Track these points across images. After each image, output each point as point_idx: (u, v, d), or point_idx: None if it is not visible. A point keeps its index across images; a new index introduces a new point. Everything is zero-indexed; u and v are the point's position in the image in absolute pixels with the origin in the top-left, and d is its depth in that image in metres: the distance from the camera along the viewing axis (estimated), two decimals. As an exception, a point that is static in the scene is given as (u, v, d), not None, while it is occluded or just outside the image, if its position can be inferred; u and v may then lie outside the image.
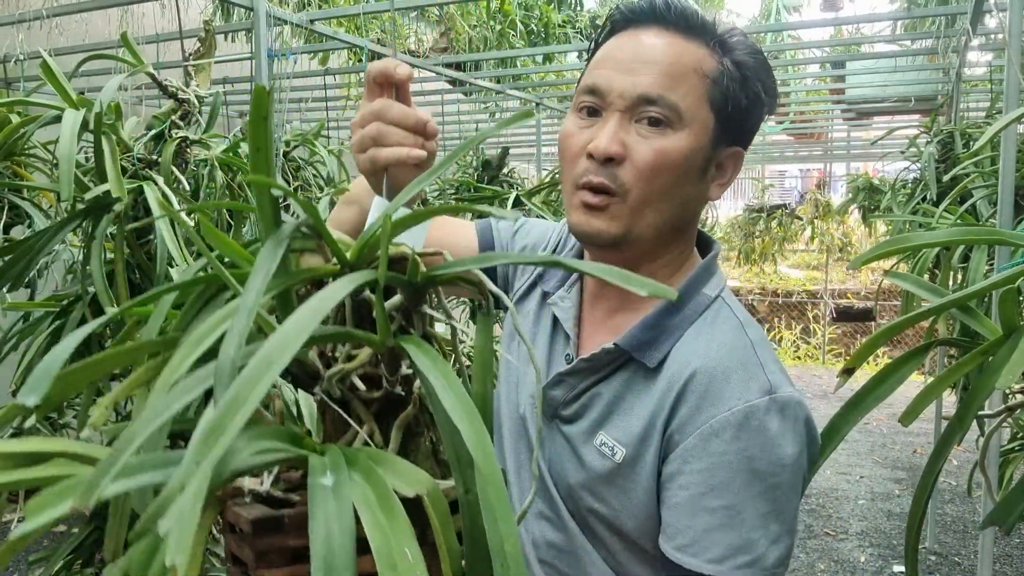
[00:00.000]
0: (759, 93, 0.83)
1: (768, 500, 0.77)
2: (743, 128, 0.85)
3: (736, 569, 0.76)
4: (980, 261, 2.11)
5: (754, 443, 0.77)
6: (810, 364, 9.52)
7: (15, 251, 1.55)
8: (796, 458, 0.79)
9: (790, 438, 0.79)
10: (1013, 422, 2.43)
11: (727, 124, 0.83)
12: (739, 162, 0.87)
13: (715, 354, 0.81)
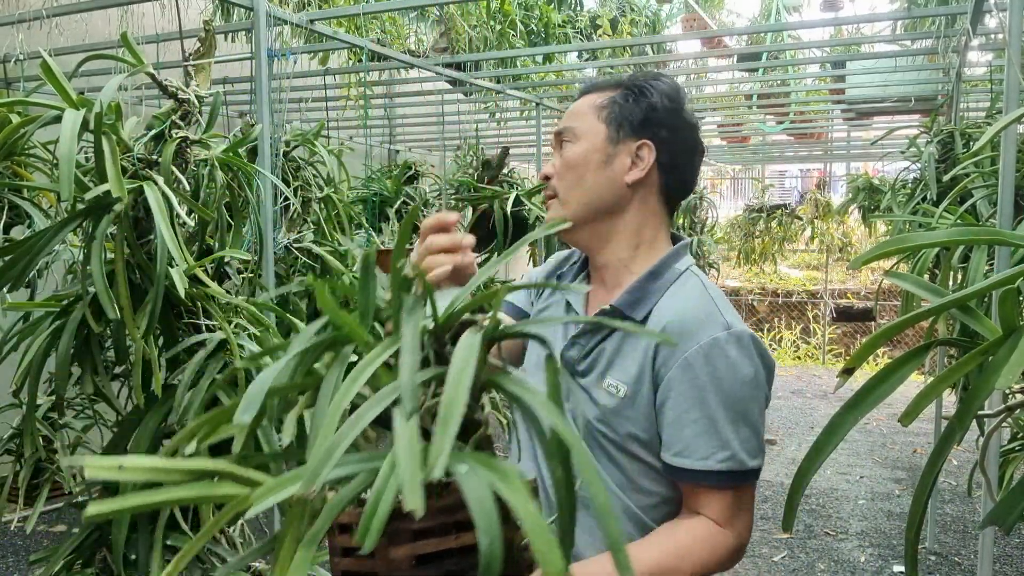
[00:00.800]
0: (653, 104, 1.15)
1: (736, 410, 1.05)
2: (643, 127, 1.15)
3: (718, 463, 1.04)
4: (980, 261, 2.11)
5: (720, 367, 1.05)
6: (810, 364, 9.52)
7: (15, 251, 1.55)
8: (753, 376, 1.06)
9: (747, 361, 1.06)
10: (1013, 422, 2.43)
11: (620, 127, 1.16)
12: (651, 151, 1.15)
13: (683, 306, 1.10)
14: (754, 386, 1.07)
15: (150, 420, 1.70)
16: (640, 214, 1.18)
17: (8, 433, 2.37)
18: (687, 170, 1.20)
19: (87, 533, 1.78)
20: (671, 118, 1.16)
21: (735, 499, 1.09)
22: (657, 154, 1.16)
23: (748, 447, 1.06)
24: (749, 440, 1.06)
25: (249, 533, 2.01)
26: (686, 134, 1.18)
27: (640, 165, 1.16)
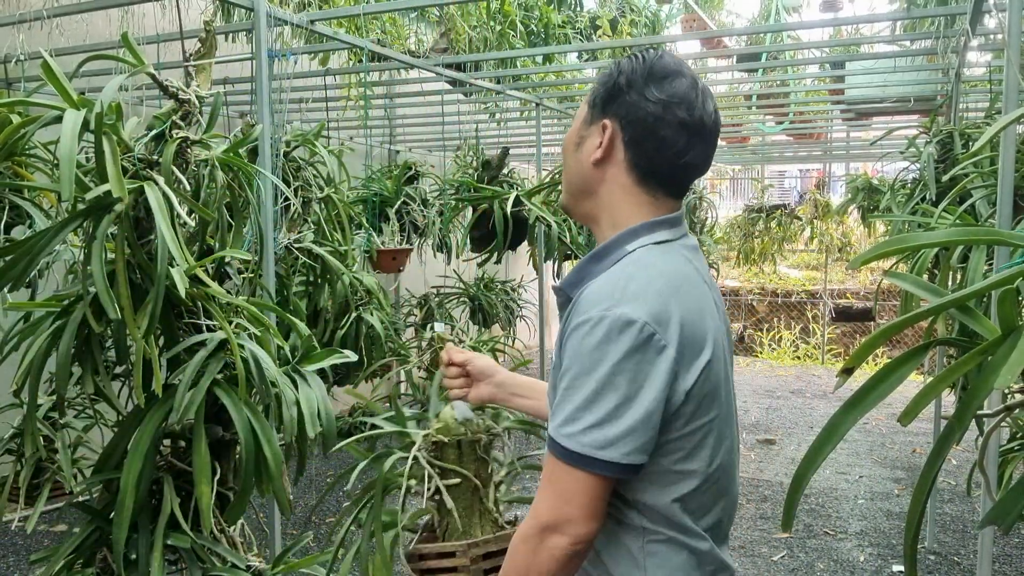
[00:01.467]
0: (618, 82, 1.15)
1: (592, 389, 1.02)
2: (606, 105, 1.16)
3: (562, 436, 1.03)
4: (979, 261, 2.11)
5: (589, 343, 1.03)
6: (809, 364, 9.53)
7: (16, 251, 1.55)
8: (619, 360, 1.01)
9: (614, 343, 1.02)
10: (1012, 421, 2.44)
11: (595, 109, 1.18)
12: (606, 130, 1.15)
13: (595, 287, 1.08)
14: (616, 369, 1.01)
15: (150, 420, 1.70)
16: (612, 193, 1.16)
17: (9, 433, 2.37)
18: (654, 144, 1.12)
19: (88, 533, 1.78)
20: (633, 93, 1.13)
21: (555, 474, 1.04)
22: (621, 132, 1.14)
23: (601, 432, 1.00)
24: (603, 424, 1.01)
25: (249, 532, 2.02)
26: (650, 107, 1.12)
27: (596, 144, 1.16)
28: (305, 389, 1.90)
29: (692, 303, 1.08)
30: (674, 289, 1.07)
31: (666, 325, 1.03)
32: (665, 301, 1.04)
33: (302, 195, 3.02)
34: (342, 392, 4.54)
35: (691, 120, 1.12)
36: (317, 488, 4.79)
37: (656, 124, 1.12)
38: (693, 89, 1.14)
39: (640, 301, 1.03)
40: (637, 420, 1.01)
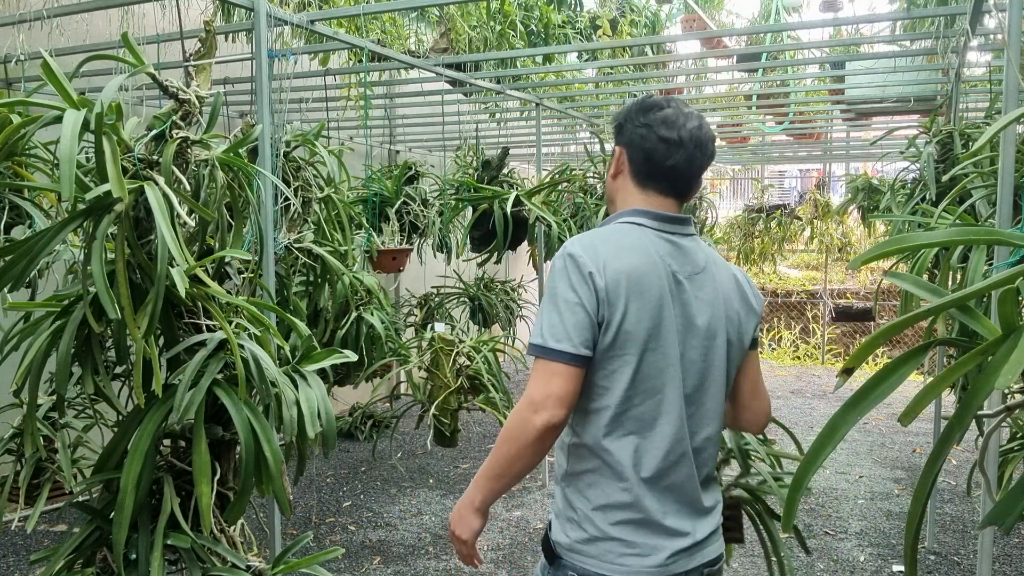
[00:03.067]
0: (622, 121, 1.60)
1: (550, 302, 1.44)
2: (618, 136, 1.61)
3: (535, 338, 1.44)
4: (979, 261, 2.11)
5: (552, 272, 1.48)
6: (809, 364, 9.53)
7: (16, 251, 1.55)
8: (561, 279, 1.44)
9: (560, 269, 1.45)
10: (1012, 422, 2.44)
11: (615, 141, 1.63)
12: (615, 153, 1.61)
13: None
14: (563, 286, 1.44)
15: (150, 420, 1.70)
16: (623, 196, 1.61)
17: (9, 433, 2.37)
18: (644, 155, 1.55)
19: (88, 533, 1.78)
20: (629, 124, 1.59)
21: (536, 367, 1.44)
22: (626, 152, 1.59)
23: (550, 329, 1.42)
24: (553, 324, 1.42)
25: (249, 532, 2.02)
26: (640, 131, 1.55)
27: (613, 164, 1.62)
28: (305, 389, 1.90)
29: (630, 265, 1.44)
30: (618, 248, 1.47)
31: (597, 263, 1.43)
32: (605, 251, 1.46)
33: (302, 195, 3.02)
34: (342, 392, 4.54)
35: (671, 136, 1.53)
36: (317, 488, 4.79)
37: (644, 141, 1.54)
38: (676, 113, 1.56)
39: (586, 246, 1.47)
40: (578, 320, 1.41)
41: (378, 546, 3.94)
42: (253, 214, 2.31)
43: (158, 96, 2.29)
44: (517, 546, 3.91)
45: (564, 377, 1.40)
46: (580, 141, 7.33)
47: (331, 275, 3.18)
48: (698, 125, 1.57)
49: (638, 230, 1.51)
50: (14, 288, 1.58)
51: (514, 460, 1.45)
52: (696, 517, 1.51)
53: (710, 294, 1.52)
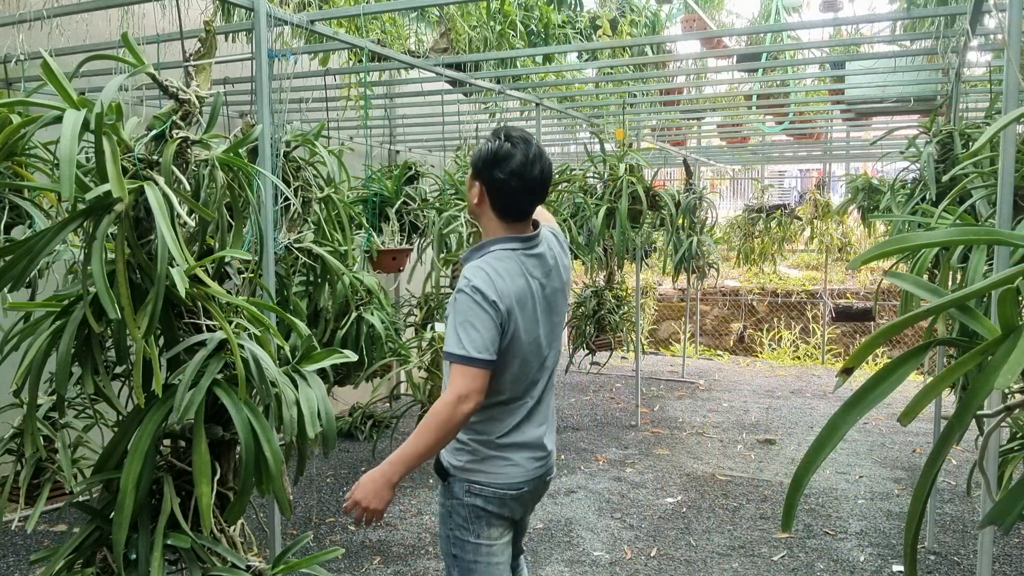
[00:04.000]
0: (479, 166, 2.06)
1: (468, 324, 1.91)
2: (478, 176, 2.07)
3: (460, 349, 1.89)
4: (979, 261, 2.11)
5: (462, 300, 1.94)
6: (809, 364, 9.53)
7: (16, 251, 1.55)
8: (474, 308, 1.92)
9: (472, 301, 1.93)
10: (1012, 421, 2.44)
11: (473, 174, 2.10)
12: (474, 188, 2.08)
13: (472, 265, 2.00)
14: (477, 311, 1.92)
15: (150, 420, 1.70)
16: (487, 220, 2.10)
17: (9, 433, 2.37)
18: (501, 198, 2.04)
19: (88, 533, 1.78)
20: (485, 171, 2.04)
21: (456, 370, 1.91)
22: (485, 189, 2.06)
23: (471, 343, 1.90)
24: (474, 339, 1.90)
25: (249, 532, 2.02)
26: (498, 183, 2.02)
27: (476, 195, 2.08)
28: (305, 389, 1.90)
29: (512, 288, 1.98)
30: (507, 277, 1.98)
31: (498, 293, 1.95)
32: (500, 283, 1.96)
33: (302, 195, 3.02)
34: (342, 392, 4.54)
35: (524, 184, 2.02)
36: (317, 488, 4.79)
37: (502, 187, 2.03)
38: (524, 161, 2.01)
39: (486, 280, 1.95)
40: (492, 335, 1.93)
41: (378, 546, 3.94)
42: (253, 214, 2.31)
43: (158, 96, 2.29)
44: (517, 546, 3.91)
45: (484, 377, 1.91)
46: (580, 141, 7.33)
47: (331, 275, 3.18)
48: (541, 168, 2.04)
49: (512, 255, 2.03)
50: (14, 288, 1.58)
51: (441, 442, 1.92)
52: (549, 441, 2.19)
53: (556, 279, 2.12)
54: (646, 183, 5.10)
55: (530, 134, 2.10)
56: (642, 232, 5.74)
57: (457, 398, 1.87)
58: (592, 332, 6.41)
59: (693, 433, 6.07)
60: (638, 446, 5.71)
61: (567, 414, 6.69)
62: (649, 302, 10.37)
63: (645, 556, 3.81)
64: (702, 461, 5.35)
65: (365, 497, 1.88)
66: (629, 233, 4.97)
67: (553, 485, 4.83)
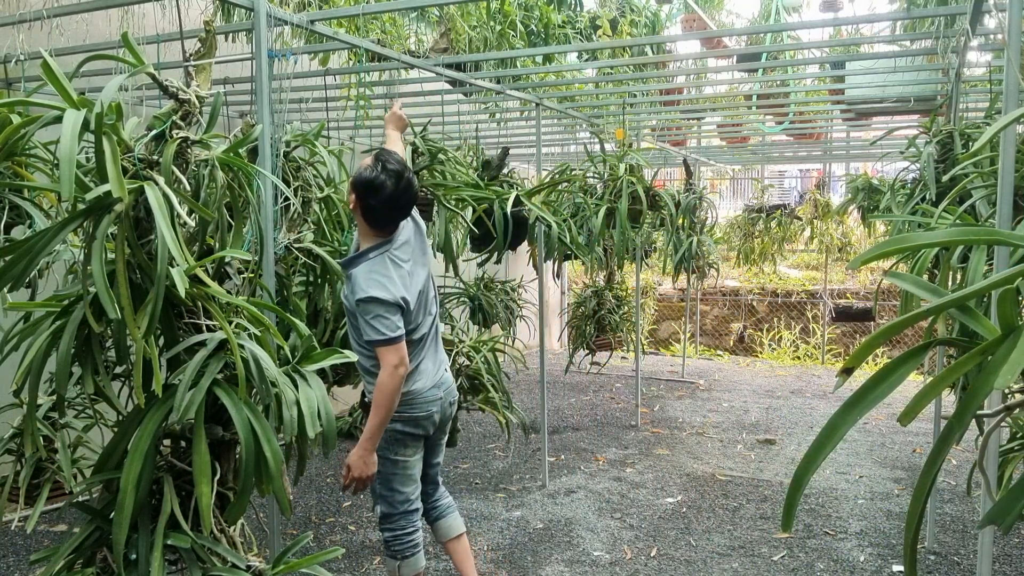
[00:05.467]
0: (360, 190, 2.65)
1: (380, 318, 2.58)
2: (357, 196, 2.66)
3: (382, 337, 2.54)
4: (979, 261, 2.11)
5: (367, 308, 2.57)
6: (809, 364, 9.53)
7: (16, 251, 1.55)
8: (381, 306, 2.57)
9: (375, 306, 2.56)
10: (1012, 421, 2.44)
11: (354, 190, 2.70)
12: (355, 203, 2.67)
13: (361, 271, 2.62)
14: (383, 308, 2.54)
15: (150, 420, 1.70)
16: (366, 231, 2.70)
17: (9, 433, 2.37)
18: (377, 219, 2.65)
19: (88, 533, 1.78)
20: (362, 196, 2.62)
21: (386, 349, 2.54)
22: (361, 210, 2.65)
23: (387, 328, 2.53)
24: (388, 326, 2.53)
25: (249, 532, 2.02)
26: (373, 206, 2.61)
27: (352, 203, 2.67)
28: (305, 389, 1.90)
29: (401, 282, 2.61)
30: (396, 278, 2.60)
31: (395, 294, 2.57)
32: (391, 285, 2.58)
33: (302, 195, 3.02)
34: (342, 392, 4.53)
35: (395, 210, 2.64)
36: (317, 488, 4.79)
37: (377, 209, 2.62)
38: (395, 191, 2.60)
39: (382, 288, 2.56)
40: (398, 317, 2.57)
41: (378, 546, 3.93)
42: (253, 214, 2.31)
43: (158, 96, 2.29)
44: (517, 546, 3.91)
45: (403, 347, 2.56)
46: (580, 141, 7.33)
47: (331, 275, 3.18)
48: (408, 197, 2.65)
49: (386, 256, 2.63)
50: (14, 288, 1.58)
51: (393, 407, 2.56)
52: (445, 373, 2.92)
53: (421, 262, 2.76)
54: (646, 183, 5.10)
55: (404, 164, 2.66)
56: (642, 232, 5.74)
57: (393, 368, 2.52)
58: (592, 332, 6.41)
59: (693, 433, 6.07)
60: (638, 446, 5.71)
61: (567, 414, 6.69)
62: (649, 302, 10.37)
63: (645, 556, 3.81)
64: (702, 461, 5.35)
65: (358, 470, 2.57)
66: (629, 233, 4.97)
67: (553, 485, 4.83)
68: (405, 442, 2.78)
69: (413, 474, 2.83)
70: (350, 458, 2.58)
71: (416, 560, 2.84)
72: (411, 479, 2.82)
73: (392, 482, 2.78)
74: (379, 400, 2.52)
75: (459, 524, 3.08)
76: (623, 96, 5.51)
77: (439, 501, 3.04)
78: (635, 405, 6.53)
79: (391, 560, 2.84)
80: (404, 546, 2.82)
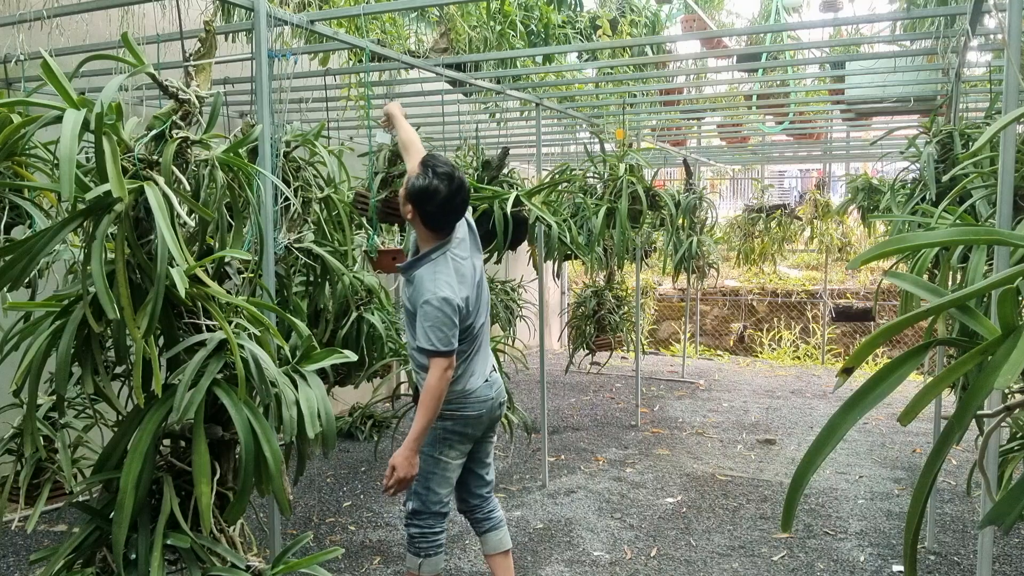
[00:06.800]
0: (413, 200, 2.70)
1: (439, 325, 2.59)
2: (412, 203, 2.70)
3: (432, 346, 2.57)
4: (979, 261, 2.11)
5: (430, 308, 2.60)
6: (809, 364, 9.53)
7: (16, 251, 1.55)
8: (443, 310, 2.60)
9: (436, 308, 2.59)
10: (1012, 421, 2.44)
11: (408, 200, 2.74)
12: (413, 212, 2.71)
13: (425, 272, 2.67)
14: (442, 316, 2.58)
15: (151, 420, 1.70)
16: (425, 235, 2.73)
17: (9, 433, 2.37)
18: (436, 222, 2.70)
19: (87, 533, 1.78)
20: (419, 204, 2.67)
21: (432, 361, 2.58)
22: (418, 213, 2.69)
23: (440, 340, 2.56)
24: (441, 339, 2.56)
25: (249, 532, 2.02)
26: (431, 212, 2.67)
27: (411, 213, 2.70)
28: (305, 389, 1.90)
29: (463, 286, 2.67)
30: (457, 280, 2.67)
31: (460, 298, 2.63)
32: (459, 288, 2.65)
33: (302, 195, 3.02)
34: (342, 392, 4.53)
35: (450, 213, 2.70)
36: (317, 488, 4.79)
37: (435, 214, 2.68)
38: (449, 193, 2.65)
39: (450, 289, 2.61)
40: (453, 337, 2.61)
41: (378, 546, 3.94)
42: (253, 214, 2.31)
43: (158, 96, 2.29)
44: (517, 546, 3.91)
45: (452, 360, 2.61)
46: (580, 141, 7.33)
47: (331, 275, 3.18)
48: (462, 197, 2.70)
49: (448, 256, 2.69)
50: (14, 288, 1.58)
51: (439, 409, 2.62)
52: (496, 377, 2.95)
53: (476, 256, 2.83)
54: (646, 183, 5.10)
55: (452, 165, 2.72)
56: (642, 232, 5.74)
57: (442, 371, 2.58)
58: (592, 332, 6.41)
59: (693, 433, 6.07)
60: (638, 446, 5.71)
61: (567, 414, 6.69)
62: (649, 302, 10.37)
63: (645, 556, 3.81)
64: (702, 461, 5.35)
65: (403, 470, 2.59)
66: (629, 233, 4.97)
67: (553, 485, 4.83)
68: (451, 443, 2.79)
69: (451, 477, 2.84)
70: (395, 458, 2.59)
71: (438, 560, 2.86)
72: (448, 482, 2.83)
73: (430, 481, 2.78)
74: (426, 401, 2.57)
75: (508, 540, 3.07)
76: (623, 96, 5.51)
77: (493, 513, 3.03)
78: (635, 405, 6.53)
79: (413, 556, 2.84)
80: (429, 545, 2.83)
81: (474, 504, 3.00)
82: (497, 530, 3.03)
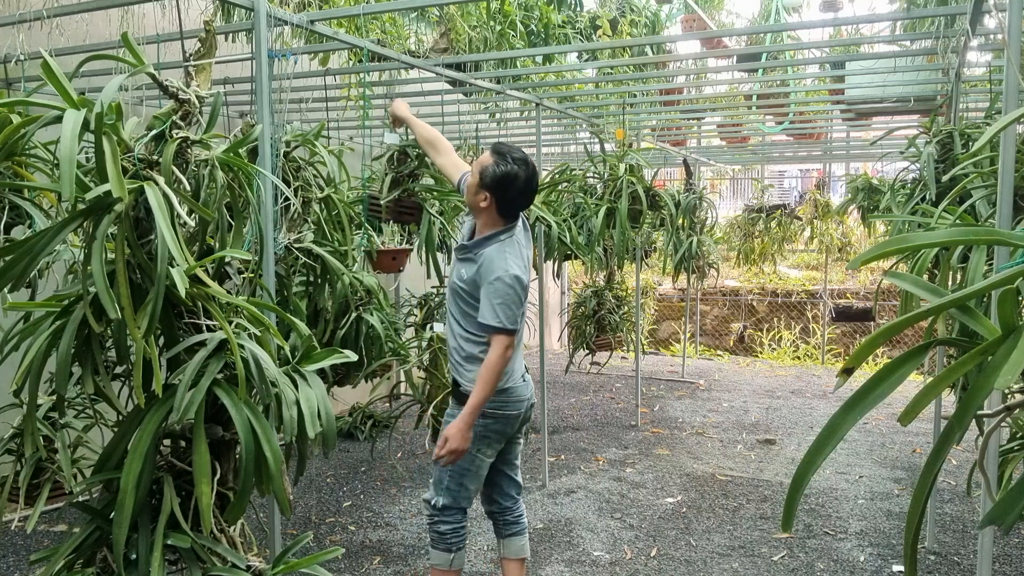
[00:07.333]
0: (488, 183, 2.68)
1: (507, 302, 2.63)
2: (488, 188, 2.70)
3: (498, 323, 2.61)
4: (979, 261, 2.11)
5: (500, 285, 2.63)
6: (809, 364, 9.53)
7: (16, 251, 1.55)
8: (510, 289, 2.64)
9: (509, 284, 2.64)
10: (1012, 421, 2.44)
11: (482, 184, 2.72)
12: (487, 197, 2.71)
13: (491, 254, 2.68)
14: (512, 294, 2.63)
15: (151, 420, 1.70)
16: (492, 218, 2.73)
17: (9, 433, 2.37)
18: (509, 208, 2.72)
19: (88, 533, 1.78)
20: (498, 190, 2.67)
21: (493, 336, 2.62)
22: (492, 197, 2.69)
23: (507, 318, 2.61)
24: (508, 316, 2.61)
25: (249, 532, 2.02)
26: (511, 197, 2.69)
27: (484, 200, 2.70)
28: (305, 389, 1.90)
29: (523, 262, 2.72)
30: (516, 257, 2.70)
31: (527, 278, 2.69)
32: (519, 263, 2.68)
33: (302, 195, 3.02)
34: (342, 392, 4.54)
35: (521, 194, 2.72)
36: (317, 488, 4.79)
37: (513, 201, 2.71)
38: (526, 177, 2.69)
39: (520, 268, 2.67)
40: (517, 317, 2.67)
41: (378, 546, 3.94)
42: (253, 214, 2.31)
43: (158, 96, 2.29)
44: (517, 546, 3.91)
45: (513, 340, 2.65)
46: (580, 141, 7.33)
47: (331, 275, 3.18)
48: (537, 180, 2.79)
49: (515, 240, 2.73)
50: (14, 288, 1.58)
51: (496, 386, 2.64)
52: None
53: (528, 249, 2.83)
54: (646, 183, 5.10)
55: (521, 150, 2.74)
56: (642, 232, 5.74)
57: (503, 349, 2.60)
58: (592, 332, 6.40)
59: (693, 433, 6.07)
60: (638, 446, 5.71)
61: (567, 414, 6.69)
62: (649, 302, 10.37)
63: (645, 556, 3.81)
64: (702, 461, 5.35)
65: (456, 442, 2.59)
66: (629, 233, 4.97)
67: (553, 485, 4.83)
68: (490, 441, 2.80)
69: (483, 475, 2.87)
70: (449, 429, 2.60)
71: (464, 553, 2.90)
72: (480, 479, 2.86)
73: (464, 477, 2.79)
74: (487, 376, 2.57)
75: (528, 549, 3.06)
76: (623, 96, 5.51)
77: (522, 518, 3.03)
78: (635, 405, 6.53)
79: (443, 553, 2.84)
80: (460, 538, 2.86)
81: (505, 506, 3.00)
82: (521, 536, 3.02)
